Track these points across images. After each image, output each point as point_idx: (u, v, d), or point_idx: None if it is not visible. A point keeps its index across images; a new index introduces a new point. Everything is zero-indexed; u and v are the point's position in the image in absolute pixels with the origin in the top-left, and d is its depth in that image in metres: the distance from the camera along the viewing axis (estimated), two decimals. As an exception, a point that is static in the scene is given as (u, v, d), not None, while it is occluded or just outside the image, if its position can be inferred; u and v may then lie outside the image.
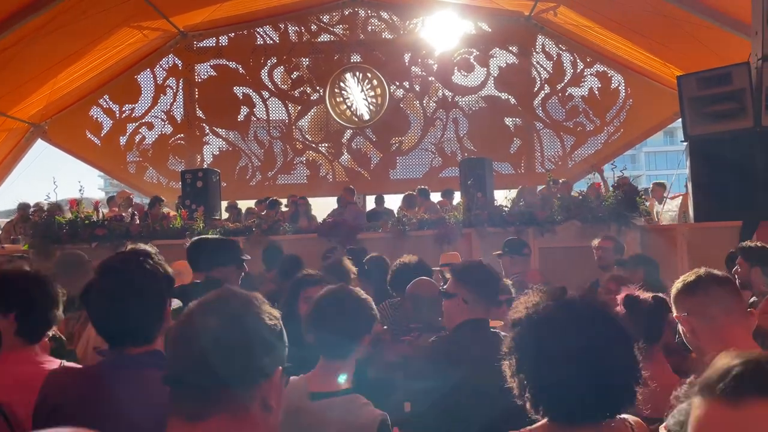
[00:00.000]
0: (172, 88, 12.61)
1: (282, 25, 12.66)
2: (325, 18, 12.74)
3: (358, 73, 12.53)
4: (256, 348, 1.14)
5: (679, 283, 2.06)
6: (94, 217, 7.57)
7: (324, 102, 12.49)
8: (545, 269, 5.63)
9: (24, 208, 9.48)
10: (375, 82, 12.47)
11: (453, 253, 5.60)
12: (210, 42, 12.71)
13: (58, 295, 2.12)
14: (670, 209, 8.84)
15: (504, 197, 7.99)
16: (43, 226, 7.41)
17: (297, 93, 12.64)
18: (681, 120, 7.40)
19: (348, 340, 2.10)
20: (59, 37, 8.82)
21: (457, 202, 8.42)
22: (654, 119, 12.16)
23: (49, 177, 8.21)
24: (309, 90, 12.64)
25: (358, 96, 12.48)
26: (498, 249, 5.01)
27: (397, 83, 12.59)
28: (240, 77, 12.62)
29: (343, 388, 2.06)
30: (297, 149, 12.62)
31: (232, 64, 12.63)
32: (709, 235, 6.35)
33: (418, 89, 12.58)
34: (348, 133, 12.67)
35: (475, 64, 12.57)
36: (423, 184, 10.34)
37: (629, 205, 6.87)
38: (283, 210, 9.38)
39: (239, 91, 12.62)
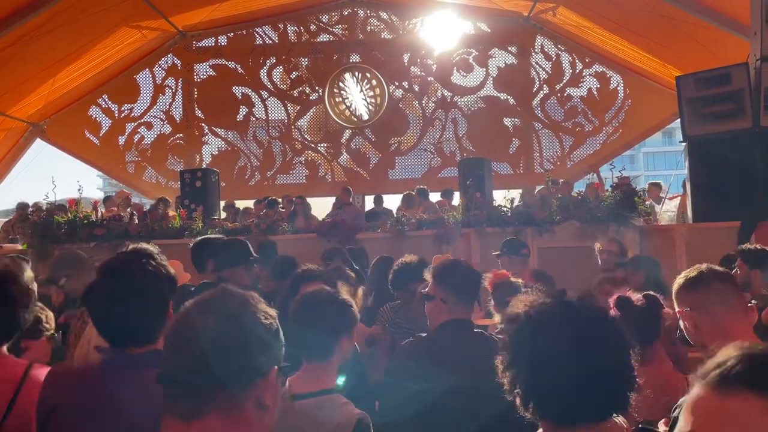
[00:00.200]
0: (171, 88, 12.61)
1: (281, 25, 12.66)
2: (325, 18, 12.74)
3: (357, 73, 12.53)
4: (251, 347, 1.14)
5: (681, 279, 2.07)
6: (93, 217, 7.56)
7: (323, 102, 12.49)
8: (544, 269, 5.60)
9: (23, 207, 9.46)
10: (374, 82, 12.47)
11: (446, 255, 5.56)
12: (209, 42, 12.72)
13: (27, 294, 2.02)
14: (669, 210, 8.84)
15: (503, 197, 7.99)
16: (42, 225, 7.40)
17: (296, 93, 12.63)
18: (680, 120, 7.40)
19: (324, 341, 2.09)
20: (58, 36, 8.82)
21: (457, 203, 8.41)
22: (653, 120, 12.17)
23: (48, 176, 8.19)
24: (308, 90, 12.64)
25: (357, 96, 12.48)
26: (497, 249, 5.02)
27: (396, 83, 12.59)
28: (239, 77, 12.62)
29: (322, 388, 2.06)
30: (296, 149, 12.62)
31: (231, 64, 12.63)
32: (707, 236, 6.36)
33: (417, 89, 12.58)
34: (347, 133, 12.67)
35: (474, 64, 12.57)
36: (422, 184, 10.34)
37: (628, 206, 6.87)
38: (281, 210, 9.36)
39: (238, 90, 12.61)
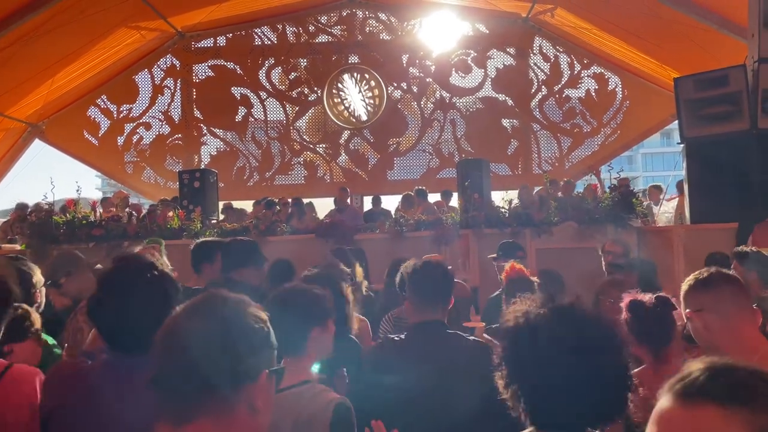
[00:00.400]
0: (170, 89, 12.61)
1: (280, 26, 12.66)
2: (323, 19, 12.75)
3: (355, 74, 12.54)
4: (240, 351, 1.14)
5: (690, 280, 2.07)
6: (92, 218, 7.56)
7: (322, 103, 12.50)
8: (552, 269, 5.56)
9: (22, 208, 9.44)
10: (373, 83, 12.48)
11: (433, 255, 5.51)
12: (208, 42, 12.72)
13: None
14: (667, 211, 8.86)
15: (501, 198, 7.99)
16: (40, 226, 7.39)
17: (295, 94, 12.64)
18: (677, 122, 7.42)
19: (295, 335, 2.06)
20: (57, 36, 8.82)
21: (456, 204, 8.40)
22: (651, 121, 12.18)
23: (47, 177, 8.17)
24: (307, 91, 12.64)
25: (355, 97, 12.49)
26: (495, 250, 5.02)
27: (395, 84, 12.59)
28: (238, 78, 12.62)
29: (301, 380, 2.04)
30: (294, 150, 12.62)
31: (230, 65, 12.63)
32: (705, 237, 6.36)
33: (415, 90, 12.59)
34: (345, 134, 12.68)
35: (472, 65, 12.58)
36: (420, 185, 10.34)
37: (626, 207, 6.88)
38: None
39: (237, 91, 12.62)
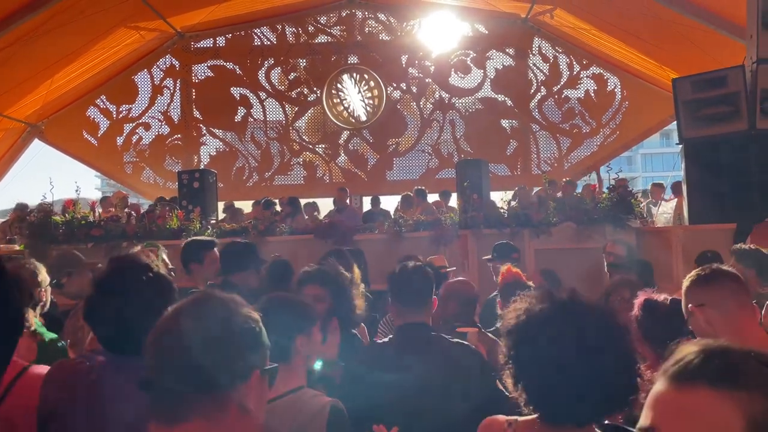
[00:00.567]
0: (170, 89, 12.61)
1: (279, 26, 12.67)
2: (323, 19, 12.75)
3: (355, 74, 12.54)
4: (230, 351, 1.14)
5: (693, 276, 2.10)
6: (91, 218, 7.55)
7: (321, 103, 12.50)
8: (551, 269, 5.57)
9: (22, 209, 9.42)
10: (372, 84, 12.48)
11: (438, 256, 5.51)
12: (207, 43, 12.72)
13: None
14: (665, 211, 8.86)
15: (500, 199, 8.00)
16: (39, 226, 7.39)
17: (294, 94, 12.64)
18: (676, 123, 7.43)
19: (280, 344, 2.05)
20: (56, 36, 8.82)
21: (455, 204, 8.40)
22: (650, 121, 12.19)
23: (46, 177, 8.17)
24: (306, 91, 12.64)
25: (355, 97, 12.49)
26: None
27: (394, 85, 12.60)
28: (237, 78, 12.63)
29: (292, 388, 2.06)
30: (294, 150, 12.63)
31: (230, 65, 12.64)
32: (703, 238, 6.36)
33: (415, 91, 12.59)
34: (345, 135, 12.68)
35: (471, 66, 12.59)
36: (419, 186, 10.35)
37: (624, 207, 6.88)
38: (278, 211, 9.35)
39: (236, 91, 12.62)
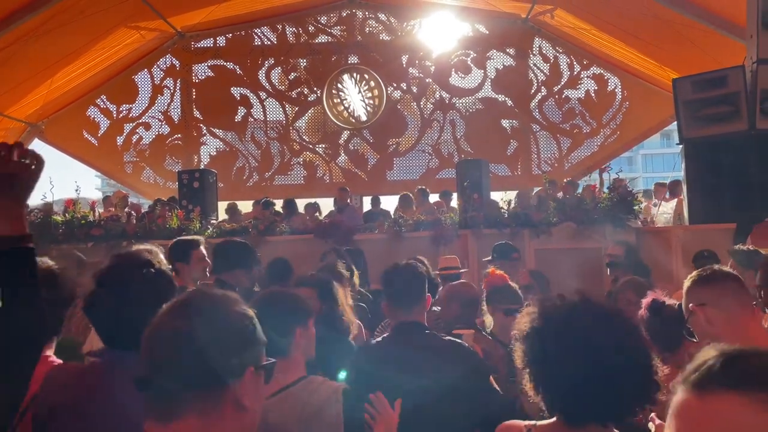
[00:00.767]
0: (170, 89, 12.61)
1: (280, 26, 12.66)
2: (323, 19, 12.75)
3: (355, 74, 12.54)
4: (223, 348, 1.13)
5: (694, 276, 2.10)
6: (91, 218, 7.55)
7: (321, 103, 12.50)
8: (539, 270, 5.60)
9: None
10: (372, 84, 12.48)
11: (451, 256, 5.49)
12: (207, 42, 12.72)
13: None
14: (665, 212, 8.86)
15: (500, 199, 8.00)
16: (39, 226, 7.39)
17: (294, 94, 12.64)
18: (676, 123, 7.43)
19: (278, 338, 2.09)
20: (57, 36, 8.82)
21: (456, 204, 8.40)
22: (650, 121, 12.18)
23: (46, 177, 8.15)
24: (306, 91, 12.64)
25: (355, 97, 12.49)
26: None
27: (395, 85, 12.60)
28: (237, 78, 12.63)
29: (296, 378, 2.08)
30: (294, 150, 12.63)
31: (230, 65, 12.63)
32: (703, 238, 6.36)
33: (415, 91, 12.59)
34: (345, 134, 12.68)
35: (472, 66, 12.58)
36: (420, 186, 10.36)
37: (624, 208, 6.88)
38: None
39: (236, 91, 12.62)
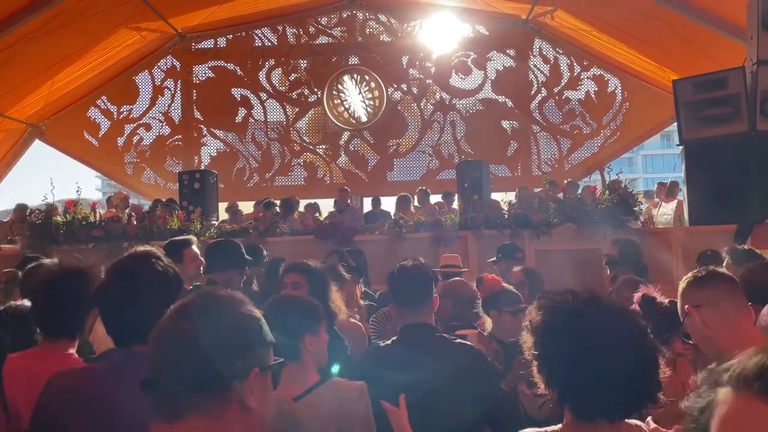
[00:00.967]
0: (170, 90, 12.62)
1: (280, 27, 12.68)
2: (323, 20, 12.76)
3: (355, 75, 12.55)
4: (227, 349, 1.13)
5: (689, 277, 2.09)
6: (91, 218, 7.56)
7: (322, 104, 12.51)
8: (541, 272, 5.61)
9: (22, 209, 9.41)
10: (372, 85, 12.49)
11: (453, 255, 5.53)
12: (208, 43, 12.73)
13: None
14: (666, 213, 8.87)
15: (501, 200, 8.00)
16: (40, 227, 7.39)
17: (295, 95, 12.65)
18: (676, 124, 7.43)
19: (289, 343, 2.10)
20: (57, 37, 8.83)
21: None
22: (650, 122, 12.19)
23: (47, 178, 8.18)
24: (307, 92, 12.65)
25: (355, 98, 12.50)
26: (494, 251, 5.04)
27: (395, 86, 12.60)
28: (238, 79, 12.64)
29: (314, 382, 2.10)
30: (294, 151, 12.64)
31: (230, 66, 12.64)
32: (704, 239, 6.36)
33: (415, 92, 12.60)
34: (345, 135, 12.69)
35: (472, 67, 12.59)
36: (420, 186, 10.37)
37: (624, 209, 6.89)
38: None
39: (237, 92, 12.63)
